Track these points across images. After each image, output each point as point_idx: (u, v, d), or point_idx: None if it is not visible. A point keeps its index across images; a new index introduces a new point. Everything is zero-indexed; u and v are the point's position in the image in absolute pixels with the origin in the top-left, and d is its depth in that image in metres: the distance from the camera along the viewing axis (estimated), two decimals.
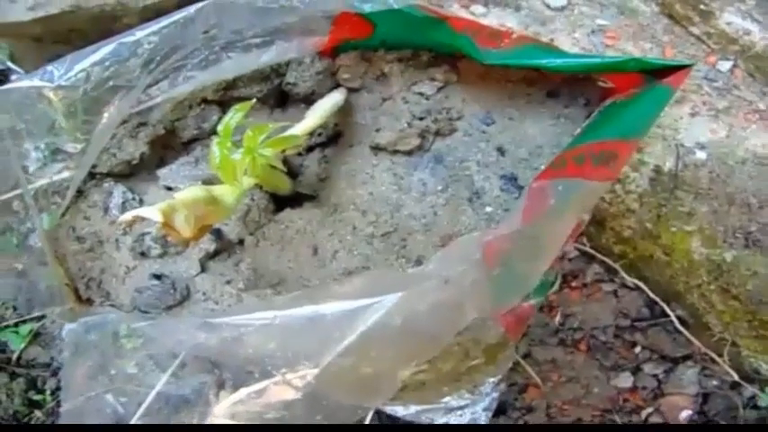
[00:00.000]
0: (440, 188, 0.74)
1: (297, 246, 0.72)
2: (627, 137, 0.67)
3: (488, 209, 0.74)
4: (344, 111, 0.77)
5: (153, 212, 0.57)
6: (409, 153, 0.74)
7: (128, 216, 0.57)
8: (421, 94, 0.77)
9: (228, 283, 0.70)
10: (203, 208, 0.61)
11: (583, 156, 0.64)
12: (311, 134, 0.76)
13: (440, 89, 0.78)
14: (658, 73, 0.71)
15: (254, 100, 0.67)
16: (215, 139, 0.64)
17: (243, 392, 0.59)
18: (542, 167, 0.76)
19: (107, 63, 0.70)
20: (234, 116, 0.64)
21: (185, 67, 0.76)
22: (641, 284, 1.14)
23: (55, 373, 0.98)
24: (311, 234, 0.72)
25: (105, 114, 0.72)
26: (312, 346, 0.55)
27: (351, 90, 0.78)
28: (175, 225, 0.58)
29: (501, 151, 0.76)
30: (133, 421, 0.70)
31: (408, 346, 0.62)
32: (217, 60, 0.76)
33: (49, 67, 0.70)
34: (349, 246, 0.72)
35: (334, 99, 0.74)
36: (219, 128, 0.64)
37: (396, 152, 0.74)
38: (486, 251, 0.61)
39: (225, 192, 0.64)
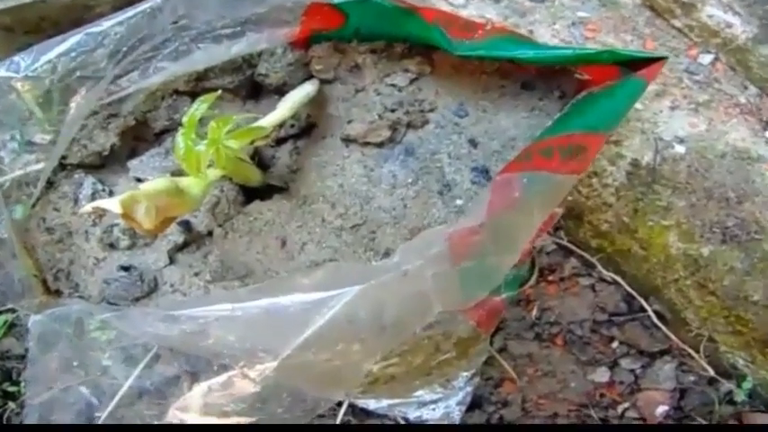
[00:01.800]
0: (410, 180, 0.73)
1: (265, 238, 0.70)
2: (596, 130, 0.65)
3: (459, 201, 0.73)
4: (318, 102, 0.76)
5: (113, 204, 0.55)
6: (380, 145, 0.73)
7: (88, 208, 0.56)
8: (394, 85, 0.76)
9: (196, 275, 0.69)
10: (166, 199, 0.60)
11: (551, 149, 0.63)
12: (282, 126, 0.75)
13: (413, 81, 0.76)
14: (634, 65, 0.70)
15: (220, 91, 0.66)
16: (180, 131, 0.63)
17: (204, 385, 0.58)
18: None
19: (73, 54, 0.69)
20: (199, 107, 0.63)
21: (156, 57, 0.74)
22: (619, 279, 1.13)
23: None
24: (280, 226, 0.71)
25: (73, 105, 0.70)
26: (271, 338, 0.54)
27: (324, 81, 0.76)
28: (136, 217, 0.57)
29: (473, 143, 0.75)
30: (106, 413, 0.70)
31: (371, 338, 0.61)
32: (188, 51, 0.75)
33: (16, 58, 0.69)
34: (318, 238, 0.70)
35: (305, 90, 0.73)
36: (184, 119, 0.63)
37: (366, 144, 0.73)
38: (452, 244, 0.60)
39: (190, 183, 0.62)
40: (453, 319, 0.74)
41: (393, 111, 0.74)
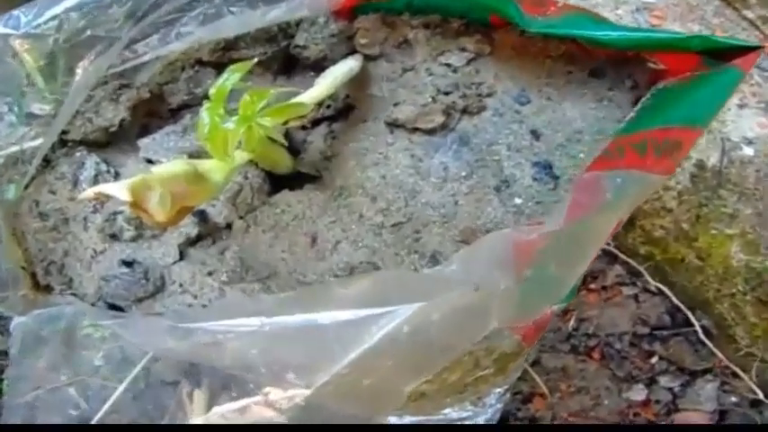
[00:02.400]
0: (463, 174, 0.61)
1: (293, 234, 0.59)
2: (694, 124, 0.54)
3: (517, 200, 0.62)
4: (359, 81, 0.64)
5: (120, 189, 0.44)
6: (431, 132, 0.62)
7: (89, 193, 0.45)
8: (448, 65, 0.64)
9: (210, 274, 0.58)
10: (184, 186, 0.49)
11: (645, 143, 0.52)
12: (319, 105, 0.63)
13: (470, 61, 0.65)
14: (720, 55, 0.59)
15: (255, 60, 0.54)
16: (205, 105, 0.51)
17: (218, 410, 0.47)
18: (581, 155, 0.64)
19: (84, 10, 0.58)
20: (230, 78, 0.52)
21: (180, 20, 0.63)
22: (665, 290, 1.02)
23: None
24: (311, 221, 0.60)
25: (79, 71, 0.59)
26: (304, 361, 0.43)
27: (368, 57, 0.65)
28: (148, 206, 0.46)
29: (535, 135, 0.64)
30: (97, 418, 0.59)
31: (417, 358, 0.51)
32: (217, 15, 0.63)
33: (16, 12, 0.58)
34: (353, 236, 0.59)
35: (348, 66, 0.61)
36: (211, 91, 0.52)
37: (415, 130, 0.62)
38: (517, 251, 0.49)
39: (212, 168, 0.51)
40: (499, 334, 0.62)
41: (447, 94, 0.63)
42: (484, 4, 0.61)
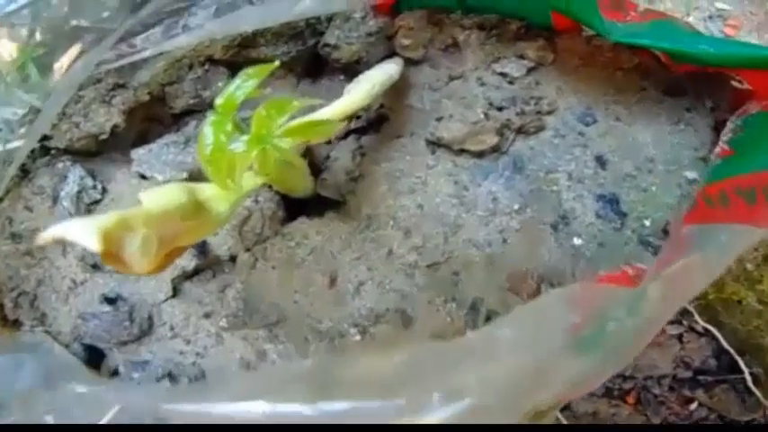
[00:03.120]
0: (515, 207, 0.49)
1: (309, 271, 0.48)
2: None
3: (577, 240, 0.50)
4: (396, 88, 0.53)
5: (88, 234, 0.32)
6: (480, 155, 0.50)
7: (47, 236, 0.33)
8: (503, 75, 0.52)
9: (208, 316, 0.47)
10: (177, 224, 0.38)
11: (753, 191, 0.40)
12: (349, 119, 0.52)
13: (529, 71, 0.53)
14: None
15: (277, 63, 0.42)
16: (210, 117, 0.40)
17: None
18: (653, 188, 0.52)
19: None
20: (243, 84, 0.40)
21: (187, 11, 0.52)
22: (714, 331, 0.89)
23: None
24: (330, 256, 0.48)
25: (61, 66, 0.48)
26: None
27: (409, 61, 0.53)
28: (125, 254, 0.34)
29: (600, 162, 0.52)
30: None
31: None
32: (232, 6, 0.52)
33: None
34: (380, 277, 0.48)
35: (387, 72, 0.50)
36: (218, 100, 0.40)
37: (462, 152, 0.50)
38: (581, 311, 0.38)
39: (216, 197, 0.40)
40: None
41: (501, 109, 0.51)
42: (553, 4, 0.49)
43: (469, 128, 0.49)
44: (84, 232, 0.32)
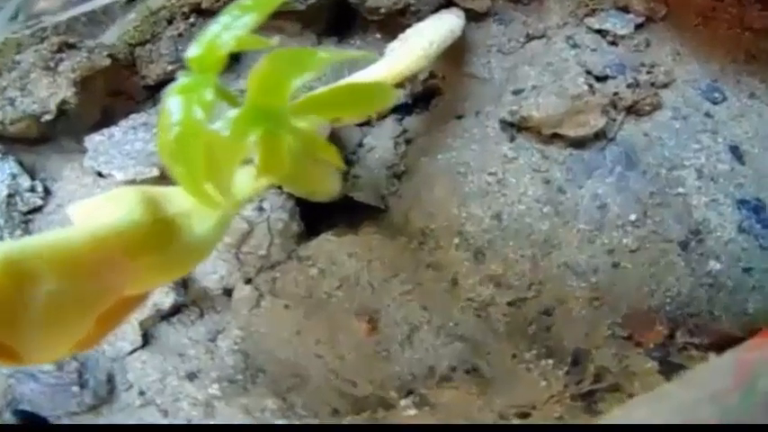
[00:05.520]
0: (632, 217, 0.32)
1: (338, 311, 0.31)
2: None
3: (716, 265, 0.33)
4: (450, 51, 0.35)
5: None
6: (579, 143, 0.32)
7: None
8: (602, 32, 0.35)
9: (193, 376, 0.30)
10: (124, 262, 0.20)
11: None
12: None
13: (637, 28, 0.35)
14: None
15: None
16: (178, 80, 0.22)
17: None
18: None
19: None
20: (234, 23, 0.22)
21: None
22: None
23: None
24: (369, 290, 0.31)
25: None
26: None
27: (469, 15, 0.36)
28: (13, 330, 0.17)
29: (737, 154, 0.34)
30: None
31: None
32: None
33: None
34: (442, 320, 0.30)
35: (447, 26, 0.32)
36: (192, 51, 0.22)
37: (554, 138, 0.32)
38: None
39: (196, 209, 0.22)
40: None
41: (603, 79, 0.33)
42: None
43: (568, 104, 0.31)
44: None
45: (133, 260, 0.21)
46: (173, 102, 0.22)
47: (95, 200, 0.24)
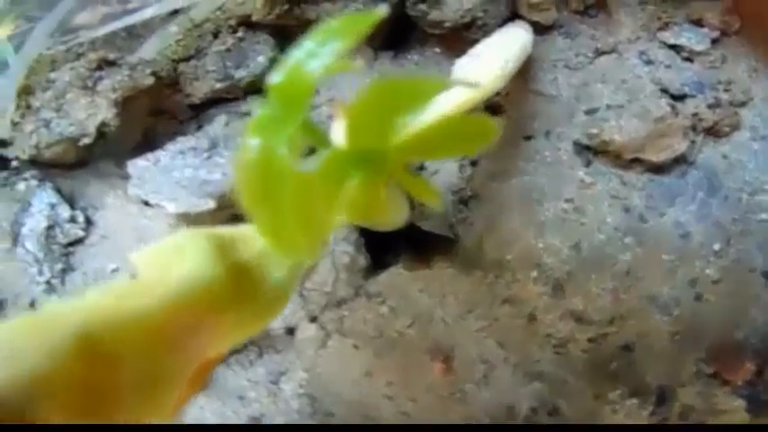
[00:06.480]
0: (716, 247, 0.30)
1: (411, 350, 0.28)
2: None
3: None
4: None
5: None
6: (659, 168, 0.30)
7: None
8: (677, 48, 0.32)
9: (256, 422, 0.27)
10: (199, 321, 0.17)
11: None
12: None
13: (713, 43, 0.33)
14: None
15: (385, 9, 0.20)
16: (256, 110, 0.19)
17: None
18: None
19: None
20: (321, 48, 0.18)
21: None
22: None
23: None
24: (443, 326, 0.28)
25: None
26: None
27: (535, 28, 0.33)
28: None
29: None
30: None
31: None
32: None
33: None
34: (519, 357, 0.28)
35: (519, 41, 0.29)
36: (274, 78, 0.19)
37: (634, 162, 0.30)
38: None
39: (267, 254, 0.19)
40: None
41: (683, 98, 0.31)
42: None
43: (651, 127, 0.29)
44: None
45: (214, 319, 0.19)
46: (254, 137, 0.19)
47: (160, 247, 0.21)
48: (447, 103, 0.25)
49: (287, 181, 0.18)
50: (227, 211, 0.28)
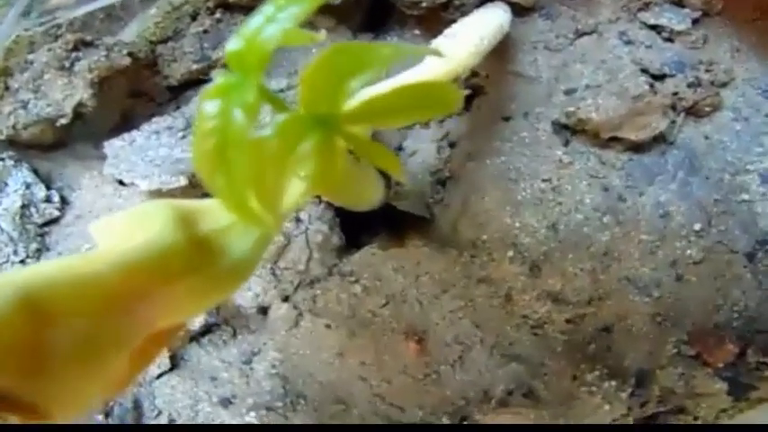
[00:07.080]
0: (696, 227, 0.29)
1: (384, 331, 0.27)
2: None
3: None
4: (494, 49, 0.32)
5: None
6: (638, 147, 0.29)
7: None
8: (657, 28, 0.31)
9: (228, 402, 0.26)
10: (157, 289, 0.17)
11: None
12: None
13: (694, 23, 0.32)
14: None
15: None
16: (215, 79, 0.19)
17: None
18: None
19: None
20: (278, 14, 0.19)
21: None
22: None
23: None
24: (417, 307, 0.27)
25: None
26: None
27: (514, 9, 0.32)
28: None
29: None
30: None
31: None
32: None
33: None
34: (495, 338, 0.27)
35: (495, 20, 0.29)
36: (231, 45, 0.19)
37: (612, 142, 0.29)
38: None
39: (234, 226, 0.19)
40: None
41: (663, 78, 0.30)
42: None
43: (629, 105, 0.28)
44: None
45: (168, 288, 0.18)
46: (210, 105, 0.18)
47: (120, 216, 0.20)
48: (415, 76, 0.25)
49: (242, 145, 0.18)
50: (200, 189, 0.27)
